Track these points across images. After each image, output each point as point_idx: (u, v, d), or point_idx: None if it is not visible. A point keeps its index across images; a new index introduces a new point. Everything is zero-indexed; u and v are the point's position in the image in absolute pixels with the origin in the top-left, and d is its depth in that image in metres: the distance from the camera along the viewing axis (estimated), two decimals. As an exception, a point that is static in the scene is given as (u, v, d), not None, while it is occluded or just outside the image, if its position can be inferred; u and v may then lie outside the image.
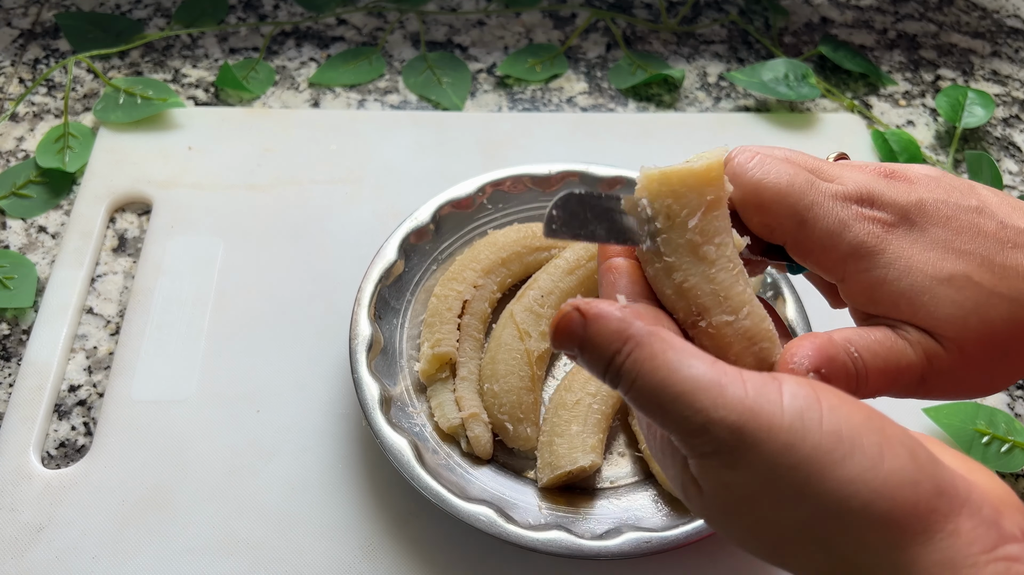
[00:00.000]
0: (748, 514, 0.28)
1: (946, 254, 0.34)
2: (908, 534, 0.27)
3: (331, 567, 0.48)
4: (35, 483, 0.50)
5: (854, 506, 0.27)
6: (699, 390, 0.28)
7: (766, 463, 0.27)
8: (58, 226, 0.63)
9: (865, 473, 0.27)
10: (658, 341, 0.29)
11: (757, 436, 0.27)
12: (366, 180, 0.65)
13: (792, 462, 0.27)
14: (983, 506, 0.28)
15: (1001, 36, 0.81)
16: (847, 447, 0.27)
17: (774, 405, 0.27)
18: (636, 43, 0.78)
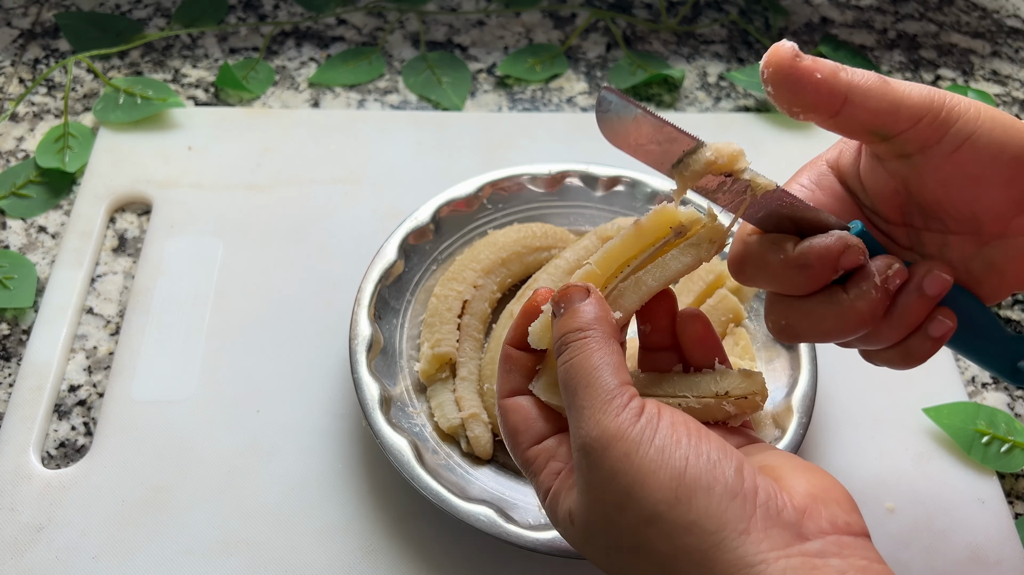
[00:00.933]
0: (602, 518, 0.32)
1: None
2: (704, 536, 0.30)
3: (331, 567, 0.48)
4: (35, 483, 0.50)
5: (660, 511, 0.30)
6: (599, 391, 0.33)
7: (610, 465, 0.31)
8: (58, 226, 0.63)
9: (671, 482, 0.30)
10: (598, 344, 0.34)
11: (612, 442, 0.32)
12: (366, 180, 0.65)
13: (625, 468, 0.31)
14: (784, 508, 0.31)
15: (1001, 36, 0.81)
16: (664, 460, 0.31)
17: (631, 421, 0.32)
18: (636, 43, 0.78)
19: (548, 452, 0.36)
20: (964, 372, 0.58)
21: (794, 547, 0.30)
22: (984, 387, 0.58)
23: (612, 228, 0.56)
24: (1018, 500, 0.53)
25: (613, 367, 0.33)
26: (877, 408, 0.55)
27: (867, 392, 0.56)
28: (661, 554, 0.31)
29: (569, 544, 0.35)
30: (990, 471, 0.53)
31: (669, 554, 0.31)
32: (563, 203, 0.60)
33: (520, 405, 0.37)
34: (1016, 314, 0.62)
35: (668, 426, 0.32)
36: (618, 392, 0.33)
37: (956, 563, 0.50)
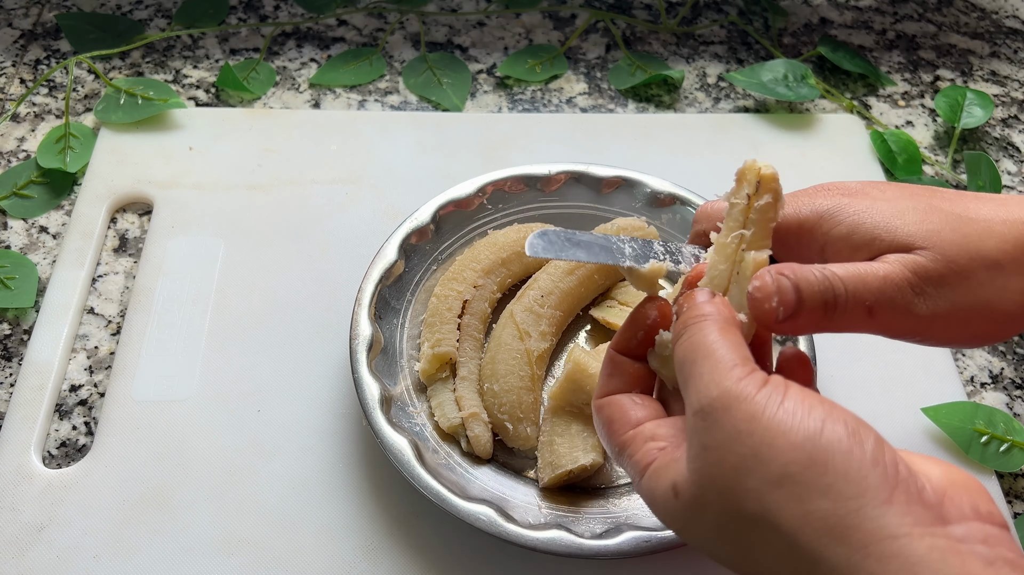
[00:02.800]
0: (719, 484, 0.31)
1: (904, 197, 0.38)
2: (840, 501, 0.28)
3: (331, 567, 0.48)
4: (36, 483, 0.50)
5: (794, 471, 0.29)
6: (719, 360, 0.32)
7: (732, 426, 0.30)
8: (59, 226, 0.63)
9: (804, 442, 0.29)
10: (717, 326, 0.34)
11: (733, 403, 0.30)
12: (366, 180, 0.65)
13: (750, 429, 0.30)
14: (924, 488, 0.29)
15: (1000, 37, 0.81)
16: (796, 421, 0.30)
17: (756, 386, 0.31)
18: (636, 44, 0.78)
19: (646, 433, 0.35)
20: (963, 372, 0.59)
21: (938, 528, 0.28)
22: (983, 387, 0.58)
23: (611, 228, 0.56)
24: (1017, 500, 0.53)
25: (733, 343, 0.33)
26: (876, 408, 0.56)
27: (866, 392, 0.56)
28: (789, 520, 0.29)
29: (667, 523, 0.34)
30: (989, 471, 0.53)
31: (798, 519, 0.28)
32: (563, 203, 0.60)
33: (615, 399, 0.37)
34: (1015, 314, 0.62)
35: (798, 393, 0.31)
36: (739, 362, 0.32)
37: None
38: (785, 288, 0.35)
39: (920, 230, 0.36)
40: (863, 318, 0.35)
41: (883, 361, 0.58)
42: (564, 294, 0.54)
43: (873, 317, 0.35)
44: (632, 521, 0.47)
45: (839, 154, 0.69)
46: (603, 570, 0.48)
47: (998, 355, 0.60)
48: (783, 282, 0.35)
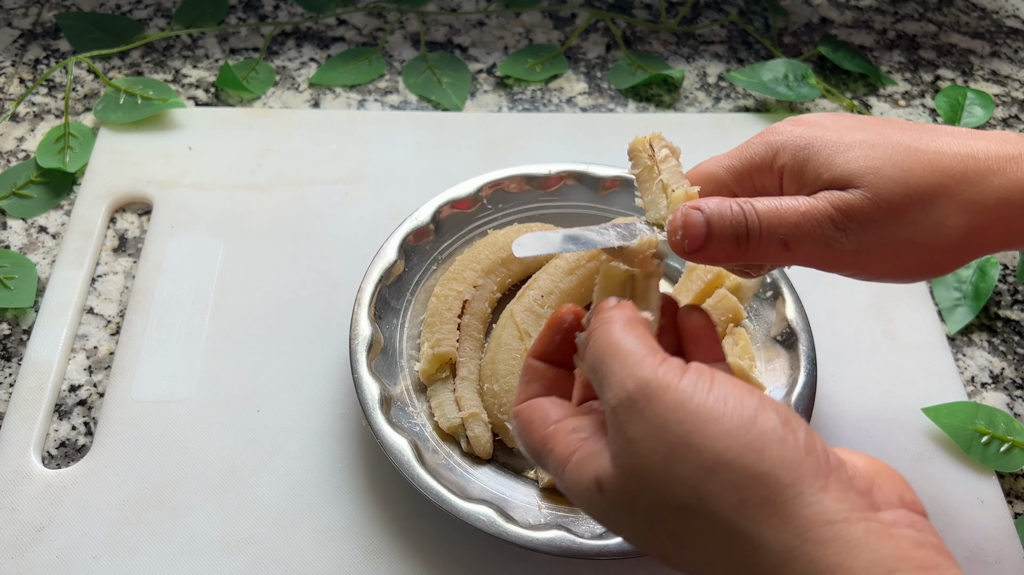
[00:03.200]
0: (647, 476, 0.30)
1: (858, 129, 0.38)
2: (778, 488, 0.28)
3: (331, 567, 0.48)
4: (35, 483, 0.50)
5: (728, 458, 0.29)
6: (628, 354, 0.32)
7: (658, 415, 0.30)
8: (58, 226, 0.63)
9: (739, 430, 0.29)
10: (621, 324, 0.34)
11: (656, 392, 0.30)
12: (366, 180, 0.65)
13: (679, 417, 0.30)
14: (855, 476, 0.29)
15: (1000, 36, 0.81)
16: (728, 408, 0.30)
17: (676, 374, 0.31)
18: (636, 43, 0.78)
19: (565, 427, 0.34)
20: (964, 372, 0.59)
21: (871, 513, 0.28)
22: (983, 387, 0.58)
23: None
24: (1017, 500, 0.53)
25: (639, 337, 0.33)
26: (876, 408, 0.56)
27: (866, 392, 0.56)
28: (725, 507, 0.29)
29: (593, 516, 0.33)
30: (989, 471, 0.53)
31: (735, 507, 0.29)
32: (563, 203, 0.60)
33: (534, 402, 0.36)
34: (1015, 314, 0.62)
35: (726, 381, 0.31)
36: (650, 352, 0.32)
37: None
38: (694, 222, 0.36)
39: (860, 167, 0.36)
40: (779, 250, 0.37)
41: (883, 361, 0.58)
42: (564, 294, 0.54)
43: (790, 250, 0.36)
44: (632, 521, 0.47)
45: (839, 154, 0.69)
46: (603, 570, 0.48)
47: (999, 355, 0.60)
48: (692, 215, 0.37)
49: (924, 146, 0.37)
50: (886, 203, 0.36)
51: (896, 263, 0.37)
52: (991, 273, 0.61)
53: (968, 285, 0.61)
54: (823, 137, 0.38)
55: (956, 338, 0.60)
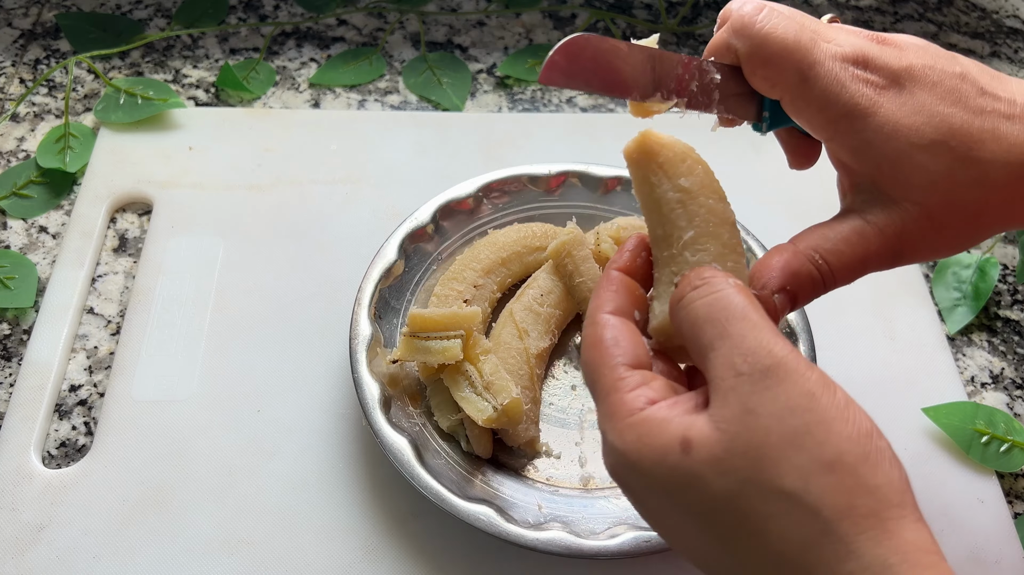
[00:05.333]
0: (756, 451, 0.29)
1: (930, 119, 0.36)
2: (885, 505, 0.28)
3: (331, 567, 0.48)
4: (36, 483, 0.50)
5: (849, 461, 0.28)
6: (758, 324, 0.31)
7: (789, 398, 0.29)
8: (59, 226, 0.63)
9: (860, 438, 0.29)
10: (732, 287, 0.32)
11: (791, 374, 0.30)
12: (366, 180, 0.65)
13: (809, 406, 0.29)
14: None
15: (1000, 37, 0.81)
16: (850, 416, 0.29)
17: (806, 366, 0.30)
18: (636, 43, 0.78)
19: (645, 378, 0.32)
20: (963, 372, 0.59)
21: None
22: (983, 387, 0.58)
23: (612, 228, 0.56)
24: (1017, 500, 0.53)
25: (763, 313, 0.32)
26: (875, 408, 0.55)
27: (866, 392, 0.56)
28: (830, 506, 0.28)
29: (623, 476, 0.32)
30: (989, 471, 0.53)
31: (842, 511, 0.28)
32: (563, 203, 0.60)
33: (628, 324, 0.34)
34: (1015, 314, 0.62)
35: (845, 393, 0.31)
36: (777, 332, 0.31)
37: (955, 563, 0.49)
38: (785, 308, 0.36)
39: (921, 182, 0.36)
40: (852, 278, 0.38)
41: (883, 361, 0.58)
42: (564, 293, 0.54)
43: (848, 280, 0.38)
44: (632, 522, 0.47)
45: (839, 154, 0.69)
46: (603, 570, 0.48)
47: (999, 355, 0.60)
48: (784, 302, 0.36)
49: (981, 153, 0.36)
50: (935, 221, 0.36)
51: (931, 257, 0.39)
52: (991, 273, 0.61)
53: (968, 285, 0.61)
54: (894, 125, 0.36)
55: (956, 338, 0.60)
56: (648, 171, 0.36)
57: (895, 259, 0.37)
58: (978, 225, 0.38)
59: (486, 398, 0.48)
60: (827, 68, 0.36)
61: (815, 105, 0.37)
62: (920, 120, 0.36)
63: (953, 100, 0.36)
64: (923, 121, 0.36)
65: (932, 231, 0.37)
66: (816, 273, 0.36)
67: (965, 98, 0.37)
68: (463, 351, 0.49)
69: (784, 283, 0.36)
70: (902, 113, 0.36)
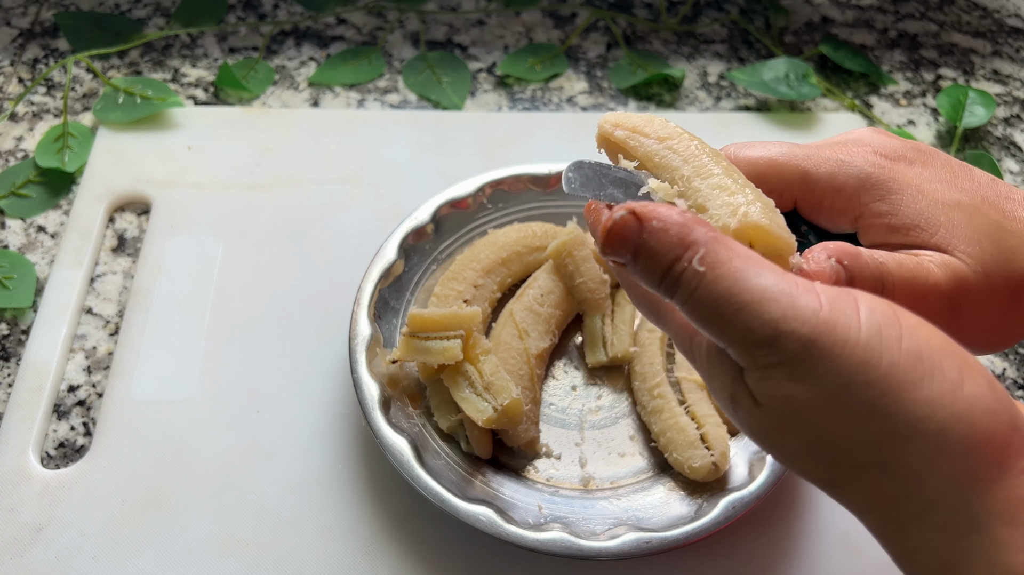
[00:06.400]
0: (809, 430, 0.27)
1: (950, 187, 0.34)
2: (981, 464, 0.25)
3: (331, 567, 0.48)
4: (34, 483, 0.50)
5: (930, 428, 0.25)
6: (768, 300, 0.26)
7: (839, 378, 0.26)
8: (57, 226, 0.63)
9: (944, 395, 0.26)
10: (723, 248, 0.27)
11: (832, 350, 0.26)
12: (366, 180, 0.65)
13: (867, 379, 0.26)
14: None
15: (1002, 36, 0.81)
16: (927, 368, 0.26)
17: (850, 319, 0.26)
18: (636, 42, 0.78)
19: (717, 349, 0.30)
20: (965, 372, 0.58)
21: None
22: (985, 387, 0.58)
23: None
24: (1019, 500, 0.53)
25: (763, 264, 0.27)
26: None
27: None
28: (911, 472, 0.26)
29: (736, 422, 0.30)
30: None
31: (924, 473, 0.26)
32: (563, 203, 0.60)
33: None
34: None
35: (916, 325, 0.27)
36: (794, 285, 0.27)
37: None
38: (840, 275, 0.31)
39: (966, 236, 0.33)
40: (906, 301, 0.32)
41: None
42: (564, 293, 0.54)
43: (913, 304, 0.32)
44: (632, 522, 0.47)
45: (840, 153, 0.69)
46: (603, 571, 0.48)
47: (1000, 355, 0.59)
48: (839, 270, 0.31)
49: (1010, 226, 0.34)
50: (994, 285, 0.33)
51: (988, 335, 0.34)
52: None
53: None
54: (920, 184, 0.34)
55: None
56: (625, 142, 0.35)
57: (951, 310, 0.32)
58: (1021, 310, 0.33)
59: (486, 398, 0.48)
60: (824, 155, 0.34)
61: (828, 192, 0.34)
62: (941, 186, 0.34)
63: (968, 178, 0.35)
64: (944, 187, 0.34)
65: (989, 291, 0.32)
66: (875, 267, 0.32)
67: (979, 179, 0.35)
68: (463, 351, 0.49)
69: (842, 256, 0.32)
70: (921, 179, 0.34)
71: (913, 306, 0.30)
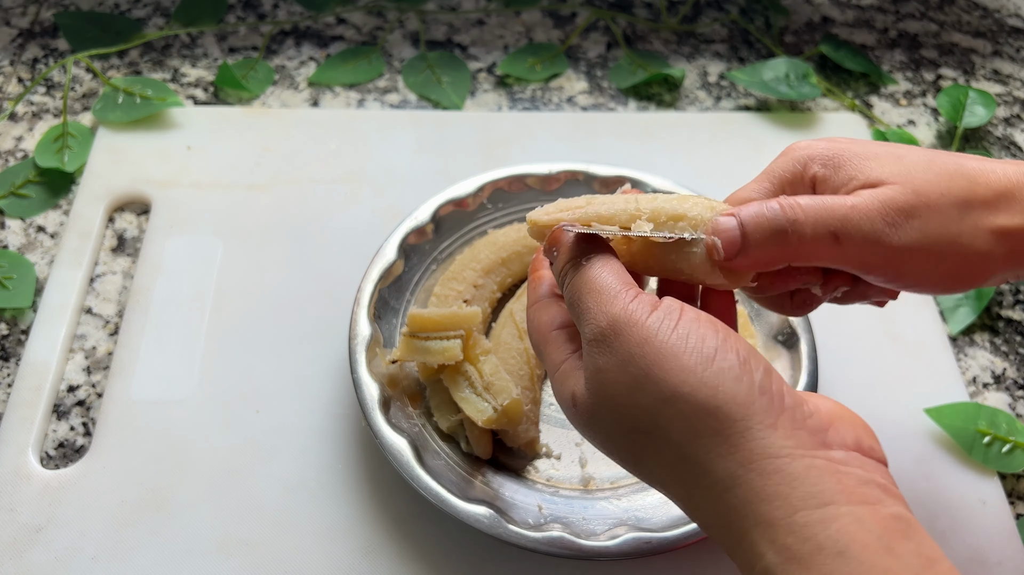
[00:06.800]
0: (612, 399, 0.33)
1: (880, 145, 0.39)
2: (728, 422, 0.31)
3: (331, 568, 0.48)
4: (34, 483, 0.50)
5: (683, 391, 0.31)
6: (602, 292, 0.35)
7: (625, 349, 0.33)
8: (57, 226, 0.63)
9: (696, 366, 0.31)
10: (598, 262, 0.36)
11: (624, 328, 0.33)
12: (366, 180, 0.65)
13: (643, 351, 0.32)
14: (810, 416, 0.31)
15: (1002, 35, 0.81)
16: (689, 346, 0.32)
17: (645, 311, 0.33)
18: (636, 42, 0.78)
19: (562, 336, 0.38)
20: (965, 372, 0.58)
21: (819, 451, 0.30)
22: (985, 387, 0.58)
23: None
24: (1019, 501, 0.53)
25: (613, 271, 0.35)
26: (877, 408, 0.55)
27: (867, 392, 0.56)
28: (677, 434, 0.32)
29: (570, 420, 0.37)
30: (991, 472, 0.53)
31: (687, 434, 0.31)
32: (563, 203, 0.60)
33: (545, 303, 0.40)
34: (1017, 314, 0.62)
35: (693, 318, 0.33)
36: (623, 289, 0.34)
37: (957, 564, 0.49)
38: (725, 227, 0.36)
39: (892, 170, 0.37)
40: (829, 245, 0.36)
41: (884, 361, 0.57)
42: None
43: (840, 244, 0.36)
44: (632, 522, 0.47)
45: (840, 153, 0.69)
46: (603, 571, 0.48)
47: (1001, 355, 0.59)
48: (722, 221, 0.36)
49: (944, 159, 0.38)
50: (924, 196, 0.36)
51: (939, 265, 0.37)
52: (993, 273, 0.61)
53: (970, 285, 0.61)
54: (849, 148, 0.39)
55: (958, 338, 0.60)
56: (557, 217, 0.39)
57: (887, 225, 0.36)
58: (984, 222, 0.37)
59: (486, 399, 0.48)
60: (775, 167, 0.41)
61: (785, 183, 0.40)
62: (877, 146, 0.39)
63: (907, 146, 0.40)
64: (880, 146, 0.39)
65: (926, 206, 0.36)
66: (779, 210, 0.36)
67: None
68: (463, 351, 0.49)
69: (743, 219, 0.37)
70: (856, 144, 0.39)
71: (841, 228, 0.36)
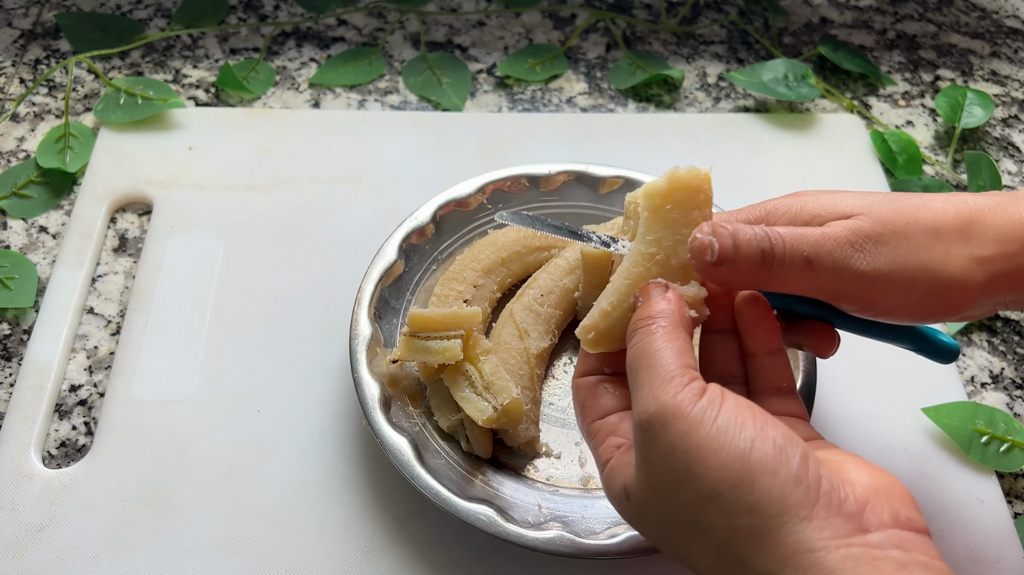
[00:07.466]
0: (656, 494, 0.34)
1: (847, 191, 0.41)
2: (764, 518, 0.31)
3: (331, 567, 0.48)
4: (36, 483, 0.50)
5: (722, 490, 0.31)
6: (659, 371, 0.34)
7: (668, 442, 0.33)
8: (59, 226, 0.63)
9: (734, 462, 0.31)
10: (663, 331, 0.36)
11: (670, 419, 0.33)
12: (366, 180, 0.65)
13: (684, 446, 0.32)
14: (846, 500, 0.31)
15: (1000, 36, 0.81)
16: (726, 442, 0.32)
17: (692, 400, 0.33)
18: (636, 43, 0.78)
19: (610, 427, 0.38)
20: (963, 372, 0.59)
21: (855, 538, 0.30)
22: (983, 387, 0.58)
23: (611, 228, 0.56)
24: (1017, 500, 0.53)
25: (675, 351, 0.35)
26: (876, 408, 0.56)
27: (866, 392, 0.56)
28: (718, 531, 0.32)
29: (622, 516, 0.37)
30: (989, 471, 0.53)
31: (726, 532, 0.31)
32: (563, 203, 0.60)
33: (589, 382, 0.40)
34: (1015, 314, 0.62)
35: (732, 408, 0.33)
36: (678, 373, 0.34)
37: (955, 563, 0.50)
38: (723, 234, 0.37)
39: (858, 203, 0.39)
40: (802, 269, 0.37)
41: (883, 361, 0.58)
42: (564, 293, 0.54)
43: (813, 269, 0.37)
44: (632, 521, 0.47)
45: (839, 154, 0.69)
46: (603, 570, 0.48)
47: (998, 355, 0.60)
48: (721, 230, 0.37)
49: (909, 198, 0.39)
50: (892, 225, 0.38)
51: (911, 292, 0.38)
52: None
53: (968, 285, 0.61)
54: (815, 193, 0.41)
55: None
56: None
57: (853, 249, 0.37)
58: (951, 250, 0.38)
59: (486, 398, 0.48)
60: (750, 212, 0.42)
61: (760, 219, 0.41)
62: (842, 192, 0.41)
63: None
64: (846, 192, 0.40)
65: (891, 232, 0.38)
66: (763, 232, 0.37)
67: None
68: (463, 351, 0.49)
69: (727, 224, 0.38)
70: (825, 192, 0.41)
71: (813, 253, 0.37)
